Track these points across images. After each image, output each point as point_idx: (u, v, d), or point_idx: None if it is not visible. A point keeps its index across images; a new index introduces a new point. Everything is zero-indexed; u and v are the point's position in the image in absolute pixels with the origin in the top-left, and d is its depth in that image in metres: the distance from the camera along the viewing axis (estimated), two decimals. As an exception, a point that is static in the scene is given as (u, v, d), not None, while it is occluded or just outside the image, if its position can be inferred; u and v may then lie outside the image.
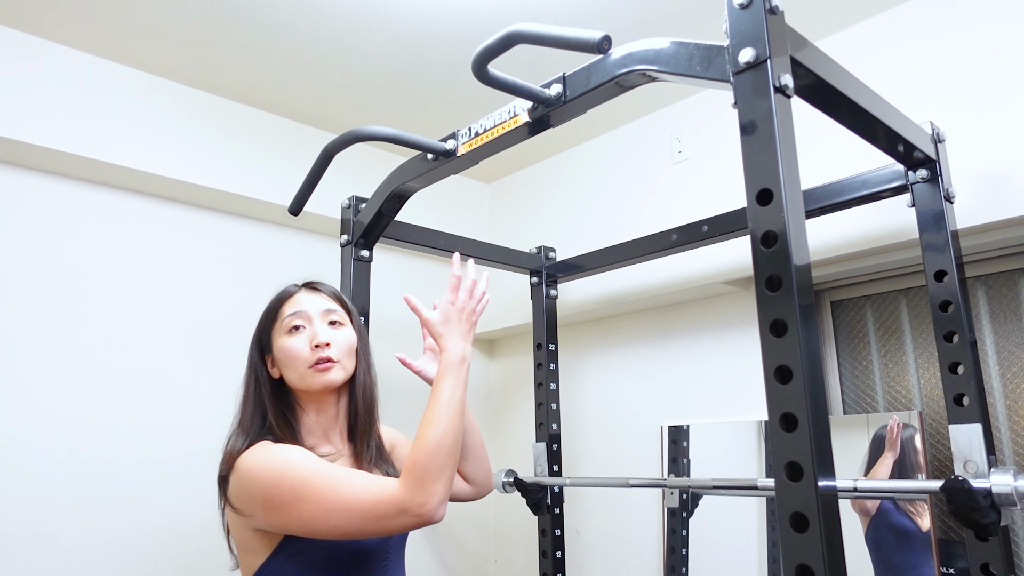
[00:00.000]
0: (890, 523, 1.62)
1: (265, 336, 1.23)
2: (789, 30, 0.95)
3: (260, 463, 1.07)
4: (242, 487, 1.09)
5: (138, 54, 1.87)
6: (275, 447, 1.10)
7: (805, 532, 0.77)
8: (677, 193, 2.07)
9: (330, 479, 1.04)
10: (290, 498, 1.03)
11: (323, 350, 1.19)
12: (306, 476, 1.04)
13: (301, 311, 1.21)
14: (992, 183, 1.47)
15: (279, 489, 1.04)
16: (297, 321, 1.20)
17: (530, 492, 1.95)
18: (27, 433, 1.71)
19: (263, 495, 1.05)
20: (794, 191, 0.86)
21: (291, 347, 1.19)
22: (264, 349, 1.23)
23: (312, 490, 1.03)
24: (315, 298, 1.24)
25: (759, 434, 1.88)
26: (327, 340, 1.19)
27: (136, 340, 1.91)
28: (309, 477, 1.04)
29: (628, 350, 2.27)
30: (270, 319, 1.24)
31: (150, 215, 2.00)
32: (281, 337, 1.21)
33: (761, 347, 0.84)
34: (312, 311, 1.22)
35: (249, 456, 1.10)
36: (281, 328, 1.21)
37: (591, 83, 1.15)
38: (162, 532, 1.86)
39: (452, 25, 1.78)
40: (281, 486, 1.04)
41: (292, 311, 1.21)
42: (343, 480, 1.04)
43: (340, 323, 1.24)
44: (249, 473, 1.08)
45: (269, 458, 1.07)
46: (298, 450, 1.09)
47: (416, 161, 1.48)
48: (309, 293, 1.25)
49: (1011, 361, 1.63)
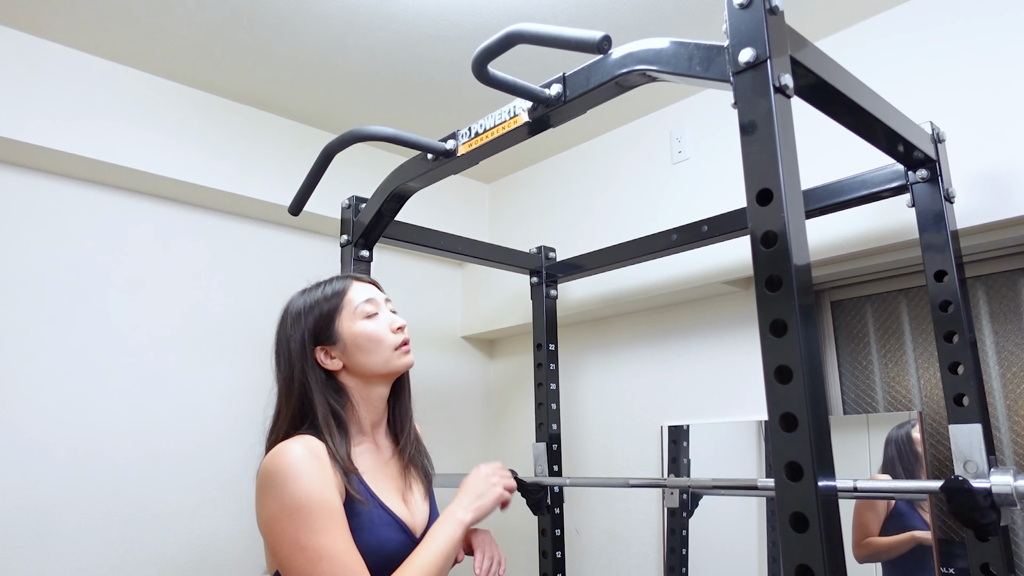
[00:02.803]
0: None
1: (327, 327, 1.19)
2: (789, 30, 0.95)
3: (276, 485, 1.04)
4: (257, 493, 1.07)
5: (138, 54, 1.87)
6: (300, 467, 1.04)
7: (805, 532, 0.77)
8: (677, 193, 2.07)
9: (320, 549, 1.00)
10: (275, 541, 1.02)
11: (403, 333, 1.22)
12: (298, 532, 1.01)
13: (373, 298, 1.22)
14: (992, 183, 1.47)
15: (277, 524, 1.02)
16: (372, 308, 1.21)
17: (530, 492, 1.95)
18: (27, 433, 1.71)
19: (264, 518, 1.05)
20: (794, 191, 0.86)
21: (375, 331, 1.19)
22: (323, 340, 1.19)
23: (298, 548, 1.00)
24: (372, 287, 1.26)
25: (759, 434, 1.88)
26: (402, 323, 1.23)
27: (136, 340, 1.91)
28: (301, 535, 1.01)
29: (628, 350, 2.27)
30: (332, 309, 1.20)
31: (150, 215, 2.00)
32: (357, 323, 1.19)
33: (761, 347, 0.84)
34: (379, 298, 1.24)
35: (273, 461, 1.06)
36: (354, 315, 1.19)
37: (591, 83, 1.15)
38: (162, 531, 1.86)
39: (452, 25, 1.78)
40: (277, 524, 1.02)
41: (365, 298, 1.21)
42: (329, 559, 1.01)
43: (395, 311, 1.27)
44: (263, 486, 1.06)
45: (286, 485, 1.03)
46: (316, 490, 1.03)
47: (416, 161, 1.48)
48: (365, 284, 1.26)
49: (1011, 361, 1.63)
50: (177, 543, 1.89)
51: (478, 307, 2.64)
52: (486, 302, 2.60)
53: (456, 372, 2.63)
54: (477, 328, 2.62)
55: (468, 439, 2.61)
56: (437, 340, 2.60)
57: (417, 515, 1.20)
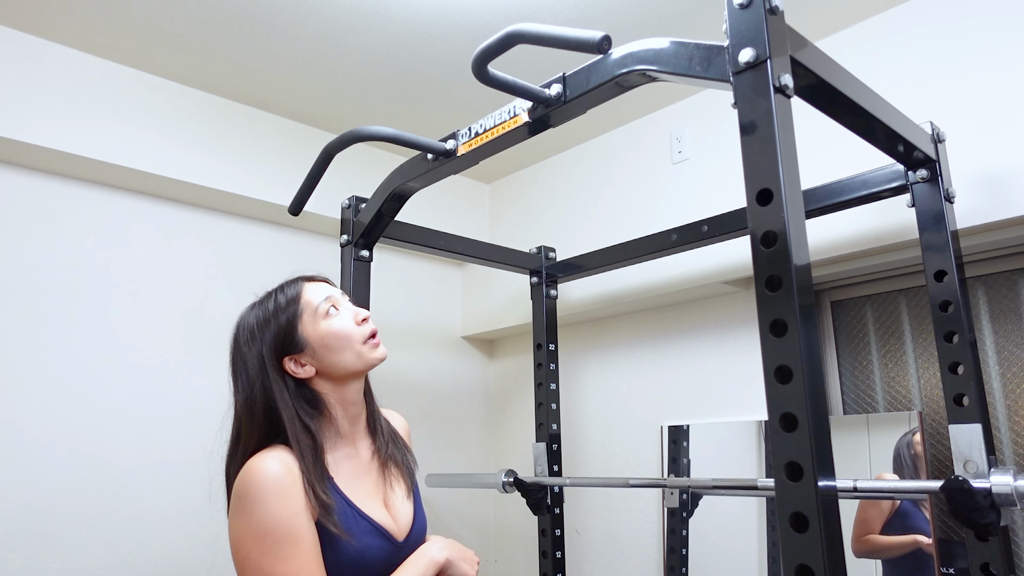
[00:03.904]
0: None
1: (290, 336, 1.15)
2: (789, 30, 0.95)
3: (245, 508, 1.03)
4: (230, 510, 1.07)
5: (138, 54, 1.87)
6: (270, 489, 1.03)
7: (805, 532, 0.77)
8: (677, 193, 2.07)
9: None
10: (240, 563, 1.02)
11: (369, 324, 1.19)
12: (263, 558, 1.00)
13: (330, 295, 1.19)
14: (992, 183, 1.47)
15: (243, 546, 1.02)
16: (330, 304, 1.17)
17: (530, 492, 1.95)
18: (27, 433, 1.71)
19: (232, 538, 1.04)
20: (794, 191, 0.86)
21: (341, 328, 1.15)
22: (289, 350, 1.15)
23: (260, 574, 1.00)
24: (326, 285, 1.22)
25: (759, 434, 1.88)
26: (367, 315, 1.19)
27: (136, 340, 1.91)
28: (265, 561, 1.00)
29: (628, 350, 2.27)
30: (292, 316, 1.16)
31: (150, 215, 2.00)
32: (320, 323, 1.15)
33: (761, 347, 0.84)
34: (336, 294, 1.20)
35: (244, 482, 1.04)
36: (316, 316, 1.16)
37: (591, 83, 1.15)
38: (161, 531, 1.86)
39: (452, 25, 1.78)
40: (243, 547, 1.02)
41: (323, 296, 1.17)
42: None
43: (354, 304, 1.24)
44: (234, 505, 1.05)
45: (255, 508, 1.02)
46: (284, 515, 1.02)
47: (416, 161, 1.48)
48: (318, 283, 1.22)
49: (1011, 361, 1.63)
50: (177, 543, 1.89)
51: (478, 307, 2.64)
52: (486, 302, 2.60)
53: (456, 372, 2.63)
54: (477, 328, 2.62)
55: (468, 439, 2.61)
56: (437, 340, 2.60)
57: (400, 518, 1.18)
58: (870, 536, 1.65)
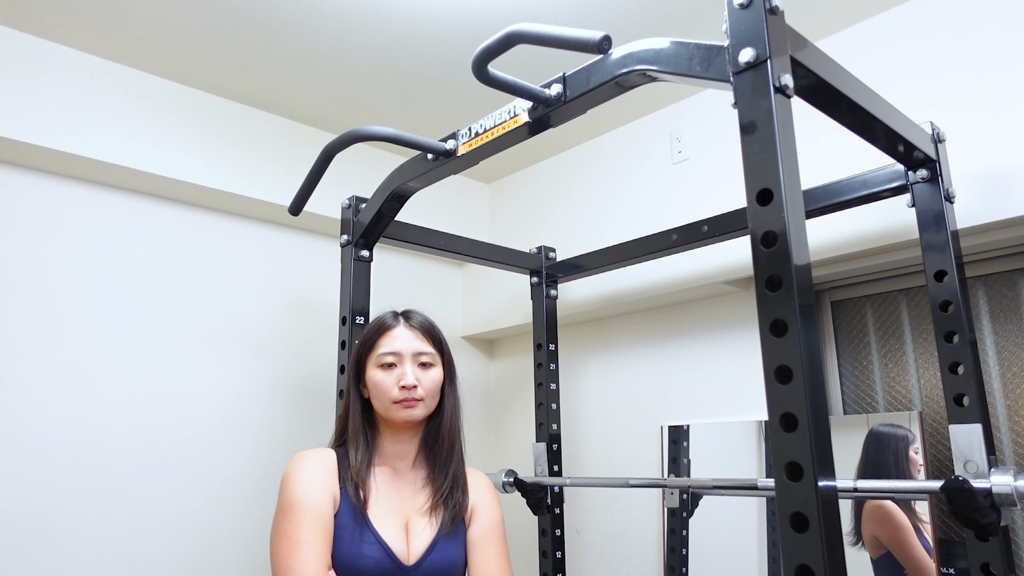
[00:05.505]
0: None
1: (360, 364, 1.36)
2: (789, 30, 0.95)
3: (282, 489, 1.26)
4: None
5: (138, 54, 1.87)
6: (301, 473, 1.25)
7: (805, 532, 0.77)
8: (677, 193, 2.07)
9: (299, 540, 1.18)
10: (271, 533, 1.23)
11: (409, 391, 1.31)
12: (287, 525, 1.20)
13: (396, 351, 1.33)
14: (992, 183, 1.47)
15: (275, 519, 1.24)
16: (390, 359, 1.33)
17: (530, 492, 1.95)
18: (27, 433, 1.71)
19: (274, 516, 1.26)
20: (794, 191, 0.86)
21: (381, 383, 1.32)
22: (359, 373, 1.37)
23: (284, 537, 1.19)
24: (410, 337, 1.35)
25: (759, 434, 1.89)
26: (414, 382, 1.32)
27: (136, 340, 1.91)
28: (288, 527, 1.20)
29: (628, 350, 2.27)
30: (366, 349, 1.36)
31: (150, 215, 2.00)
32: (374, 370, 1.33)
33: (761, 347, 0.84)
34: (405, 351, 1.33)
35: (287, 468, 1.28)
36: (374, 361, 1.34)
37: (591, 83, 1.15)
38: (162, 531, 1.86)
39: (452, 25, 1.78)
40: (275, 520, 1.23)
41: (387, 350, 1.33)
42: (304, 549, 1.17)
43: (431, 364, 1.37)
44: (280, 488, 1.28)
45: (286, 488, 1.25)
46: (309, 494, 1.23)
47: (416, 161, 1.48)
48: (405, 329, 1.36)
49: (1011, 361, 1.63)
50: (177, 543, 1.88)
51: (478, 307, 2.64)
52: (486, 302, 2.60)
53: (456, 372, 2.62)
54: (477, 328, 2.62)
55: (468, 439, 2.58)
56: (437, 340, 2.60)
57: (413, 543, 1.27)
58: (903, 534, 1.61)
